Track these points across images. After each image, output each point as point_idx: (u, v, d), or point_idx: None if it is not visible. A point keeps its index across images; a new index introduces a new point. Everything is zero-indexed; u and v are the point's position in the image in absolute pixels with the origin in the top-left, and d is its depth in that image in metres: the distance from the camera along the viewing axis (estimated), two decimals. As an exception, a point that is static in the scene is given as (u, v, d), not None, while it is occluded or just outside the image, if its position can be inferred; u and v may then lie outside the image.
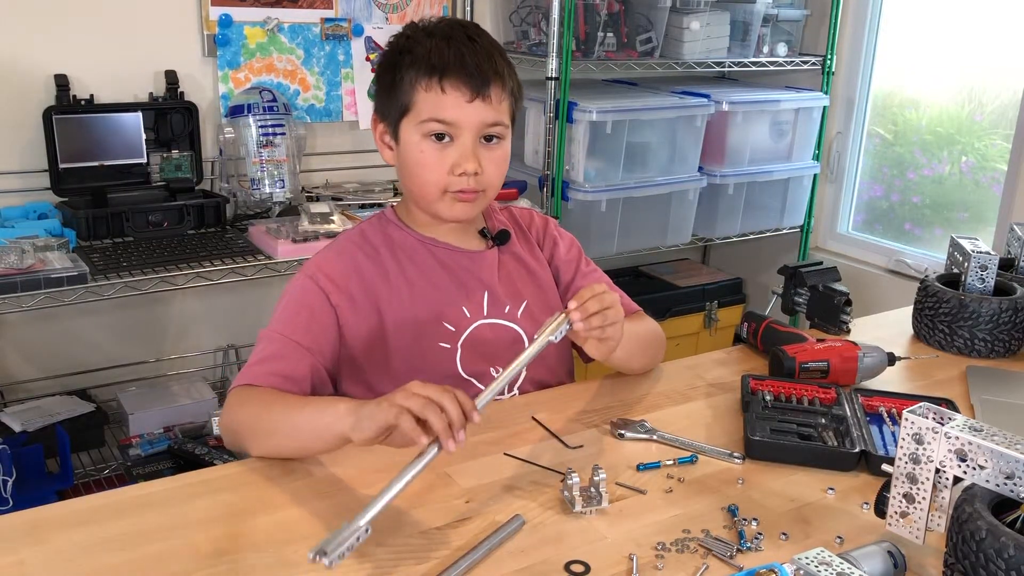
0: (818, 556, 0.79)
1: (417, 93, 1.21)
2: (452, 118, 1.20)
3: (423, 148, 1.22)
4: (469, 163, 1.21)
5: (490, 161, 1.24)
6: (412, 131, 1.23)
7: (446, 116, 1.20)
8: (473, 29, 1.26)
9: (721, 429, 1.24)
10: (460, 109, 1.20)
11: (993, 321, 1.50)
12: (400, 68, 1.22)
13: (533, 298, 1.37)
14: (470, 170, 1.21)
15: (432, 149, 1.22)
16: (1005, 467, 0.86)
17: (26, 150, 2.23)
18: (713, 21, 2.76)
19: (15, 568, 0.90)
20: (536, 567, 0.93)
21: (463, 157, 1.21)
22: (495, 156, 1.24)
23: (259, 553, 0.94)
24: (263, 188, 2.36)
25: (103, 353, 2.42)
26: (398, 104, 1.23)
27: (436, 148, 1.22)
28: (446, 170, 1.22)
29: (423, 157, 1.22)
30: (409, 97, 1.22)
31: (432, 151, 1.22)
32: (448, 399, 0.96)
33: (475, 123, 1.21)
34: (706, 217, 2.89)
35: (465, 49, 1.20)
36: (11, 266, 1.87)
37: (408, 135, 1.23)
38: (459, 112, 1.20)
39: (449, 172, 1.22)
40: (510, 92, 1.25)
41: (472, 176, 1.22)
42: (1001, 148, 2.68)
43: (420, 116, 1.21)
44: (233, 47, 2.43)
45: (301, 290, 1.25)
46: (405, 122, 1.23)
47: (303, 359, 1.19)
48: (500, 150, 1.25)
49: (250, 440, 1.12)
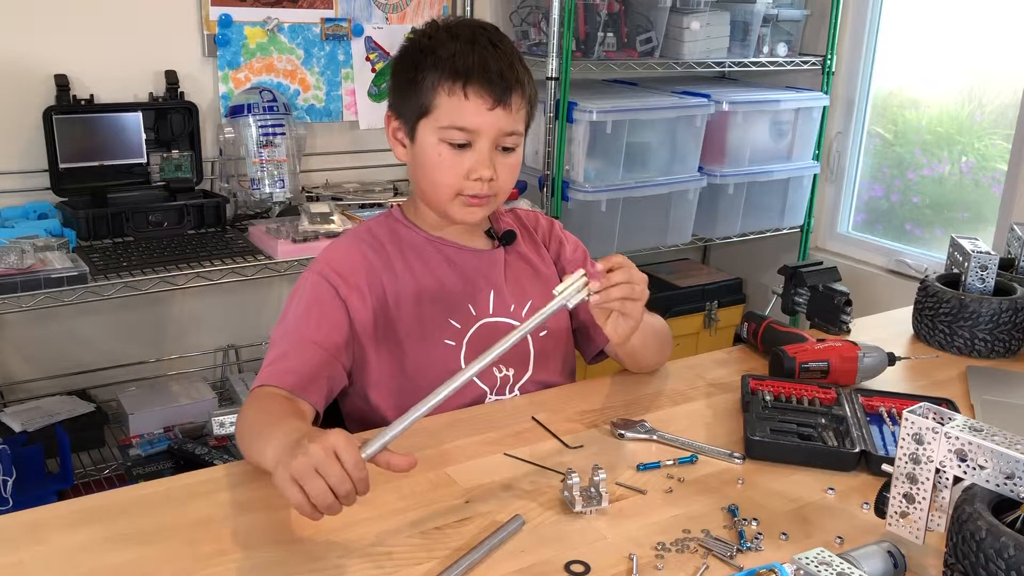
0: (818, 556, 0.79)
1: (439, 96, 1.21)
2: (473, 125, 1.20)
3: (440, 152, 1.22)
4: (485, 170, 1.22)
5: (504, 167, 1.24)
6: (430, 133, 1.23)
7: (467, 123, 1.20)
8: (495, 34, 1.25)
9: (721, 429, 1.24)
10: (481, 116, 1.20)
11: (993, 321, 1.50)
12: (421, 68, 1.22)
13: (538, 298, 1.37)
14: (486, 176, 1.22)
15: (449, 153, 1.22)
16: (1005, 467, 0.86)
17: (26, 150, 2.23)
18: (713, 21, 2.76)
19: (15, 568, 0.90)
20: (536, 567, 0.93)
21: (480, 164, 1.22)
22: (509, 163, 1.25)
23: (259, 553, 0.94)
24: (263, 188, 2.36)
25: (103, 353, 2.43)
26: (417, 104, 1.23)
27: (453, 153, 1.22)
28: (462, 175, 1.22)
29: (440, 160, 1.23)
30: (429, 99, 1.21)
31: (449, 155, 1.22)
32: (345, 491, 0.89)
33: (494, 131, 1.21)
34: (706, 217, 2.89)
35: (489, 55, 1.20)
36: (11, 266, 1.87)
37: (425, 136, 1.23)
38: (480, 120, 1.20)
39: (464, 177, 1.22)
40: (528, 99, 1.25)
41: (487, 182, 1.23)
42: (1001, 148, 2.68)
43: (440, 121, 1.21)
44: (233, 47, 2.43)
45: (311, 286, 1.25)
46: (423, 123, 1.23)
47: (316, 355, 1.19)
48: (514, 157, 1.26)
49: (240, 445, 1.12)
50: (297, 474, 0.89)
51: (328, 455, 0.89)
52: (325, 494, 0.89)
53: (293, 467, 0.89)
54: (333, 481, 0.89)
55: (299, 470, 0.89)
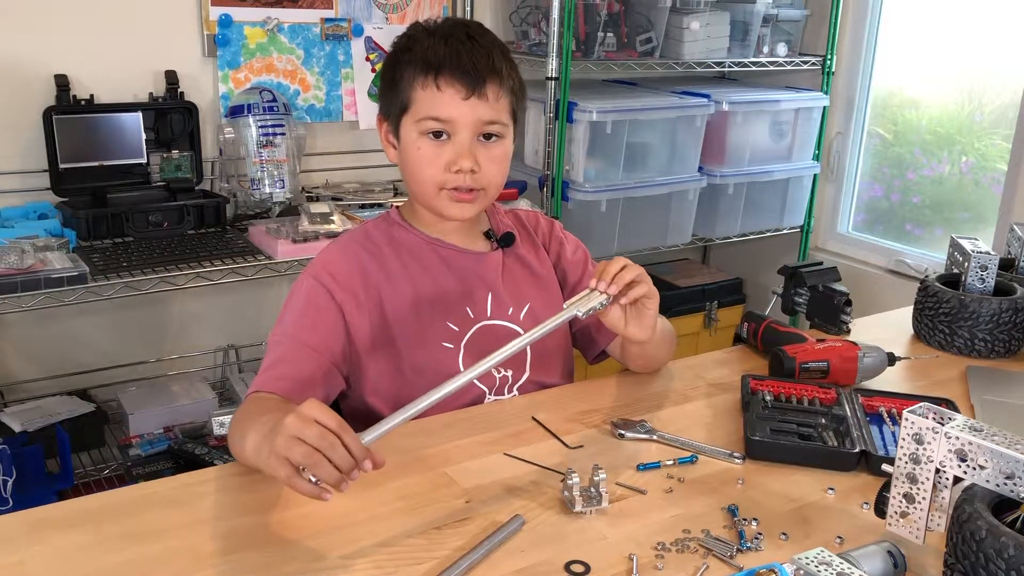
0: (818, 556, 0.79)
1: (415, 91, 1.22)
2: (448, 115, 1.21)
3: (420, 145, 1.23)
4: (465, 160, 1.21)
5: (488, 159, 1.24)
6: (411, 129, 1.23)
7: (441, 113, 1.20)
8: (475, 28, 1.26)
9: (721, 429, 1.24)
10: (456, 106, 1.20)
11: (993, 321, 1.50)
12: (400, 67, 1.23)
13: (536, 300, 1.37)
14: (466, 167, 1.21)
15: (429, 146, 1.22)
16: (1005, 467, 0.86)
17: (26, 150, 2.23)
18: (713, 21, 2.76)
19: (15, 568, 0.90)
20: (536, 567, 0.93)
21: (459, 154, 1.21)
22: (494, 154, 1.24)
23: (259, 553, 0.93)
24: (263, 188, 2.36)
25: (103, 353, 2.43)
26: (398, 102, 1.24)
27: (433, 145, 1.22)
28: (442, 167, 1.22)
29: (420, 154, 1.23)
30: (407, 95, 1.22)
31: (429, 148, 1.22)
32: (335, 451, 0.89)
33: (471, 121, 1.21)
34: (706, 217, 2.89)
35: (462, 47, 1.21)
36: (11, 266, 1.87)
37: (407, 133, 1.24)
38: (455, 109, 1.20)
39: (446, 169, 1.22)
40: (510, 90, 1.25)
41: (468, 174, 1.22)
42: (1001, 148, 2.68)
43: (418, 114, 1.22)
44: (233, 47, 2.43)
45: (306, 290, 1.25)
46: (405, 120, 1.24)
47: (311, 360, 1.19)
48: (500, 148, 1.25)
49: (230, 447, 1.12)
50: (280, 448, 0.89)
51: (304, 420, 0.89)
52: (311, 455, 0.88)
53: (276, 444, 0.90)
54: (315, 441, 0.88)
55: (280, 444, 0.89)
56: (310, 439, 0.89)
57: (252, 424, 1.03)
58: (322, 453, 0.89)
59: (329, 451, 0.89)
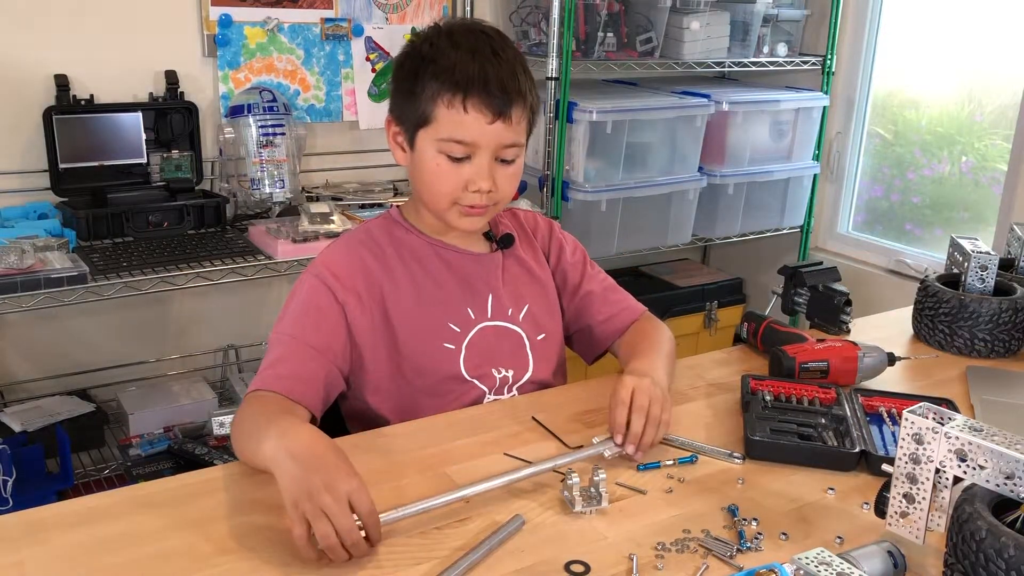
0: (818, 556, 0.79)
1: (438, 108, 1.19)
2: (472, 139, 1.19)
3: (439, 162, 1.21)
4: (484, 182, 1.21)
5: (504, 177, 1.23)
6: (429, 143, 1.21)
7: (466, 137, 1.19)
8: (498, 41, 1.23)
9: (721, 429, 1.24)
10: (480, 130, 1.19)
11: (993, 321, 1.50)
12: (422, 77, 1.20)
13: (535, 301, 1.37)
14: (484, 188, 1.21)
15: (448, 164, 1.21)
16: (1005, 467, 0.86)
17: (26, 150, 2.23)
18: (713, 21, 2.76)
19: (15, 568, 0.90)
20: (536, 567, 0.93)
21: (478, 176, 1.21)
22: (509, 172, 1.24)
23: (259, 553, 0.93)
24: (263, 188, 2.36)
25: (103, 353, 2.43)
26: (417, 113, 1.21)
27: (452, 164, 1.21)
28: (460, 186, 1.21)
29: (438, 170, 1.22)
30: (429, 109, 1.20)
31: (448, 166, 1.21)
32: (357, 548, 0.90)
33: (493, 144, 1.20)
34: (706, 217, 2.89)
35: (490, 66, 1.18)
36: (11, 266, 1.87)
37: (424, 145, 1.22)
38: (479, 133, 1.19)
39: (463, 188, 1.21)
40: (529, 108, 1.24)
41: (485, 194, 1.22)
42: (1001, 148, 2.68)
43: (439, 133, 1.20)
44: (233, 47, 2.43)
45: (308, 290, 1.24)
46: (423, 132, 1.22)
47: (312, 359, 1.19)
48: (514, 167, 1.25)
49: (235, 447, 1.12)
50: (307, 511, 0.90)
51: (339, 502, 0.90)
52: (330, 538, 0.89)
53: (302, 503, 0.90)
54: (342, 533, 0.89)
55: (308, 509, 0.90)
56: (339, 527, 0.89)
57: (267, 427, 1.03)
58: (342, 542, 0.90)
59: (351, 547, 0.90)
